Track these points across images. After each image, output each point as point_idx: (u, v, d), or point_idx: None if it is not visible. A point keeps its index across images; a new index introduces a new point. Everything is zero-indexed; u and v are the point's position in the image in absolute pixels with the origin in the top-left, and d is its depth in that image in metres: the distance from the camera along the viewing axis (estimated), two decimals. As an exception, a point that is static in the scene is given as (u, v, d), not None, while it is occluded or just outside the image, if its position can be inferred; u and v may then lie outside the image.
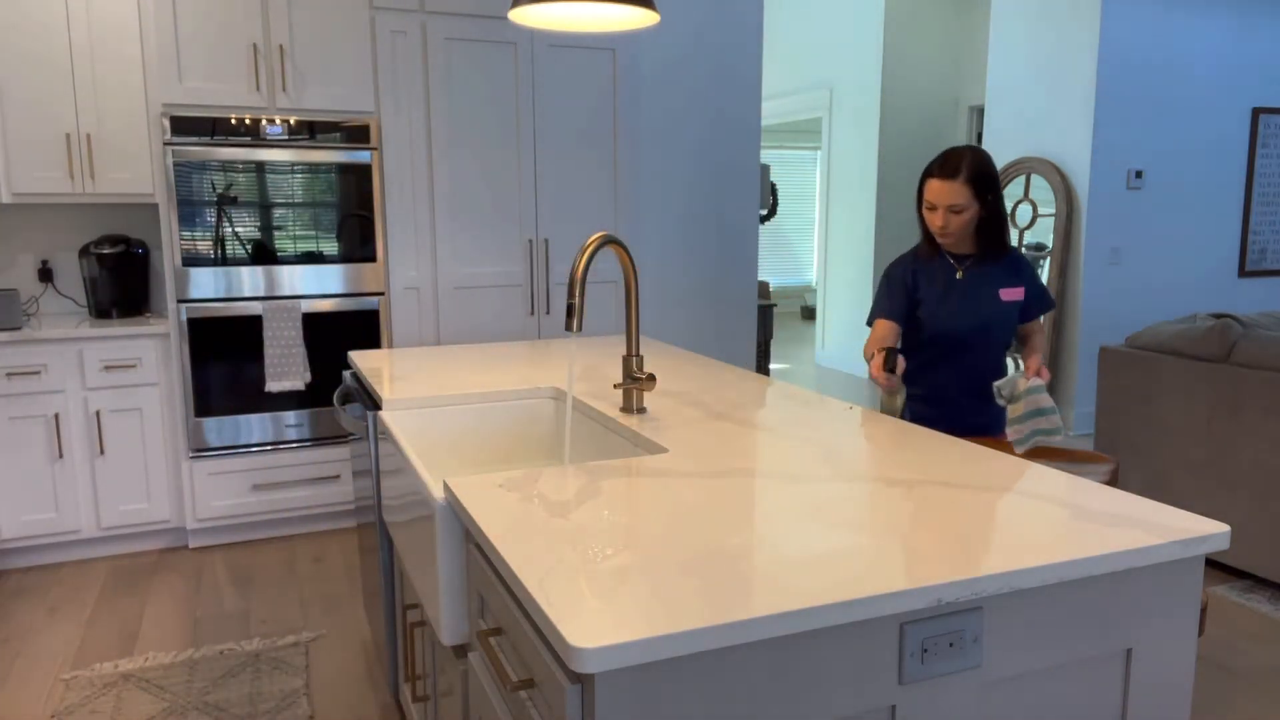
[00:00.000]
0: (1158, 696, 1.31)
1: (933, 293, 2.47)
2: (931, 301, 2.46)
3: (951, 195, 2.36)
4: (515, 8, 2.06)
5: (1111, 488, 1.49)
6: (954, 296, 2.45)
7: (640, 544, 1.26)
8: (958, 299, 2.45)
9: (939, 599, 1.12)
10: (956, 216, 2.39)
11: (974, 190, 2.38)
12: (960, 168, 2.36)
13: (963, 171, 2.36)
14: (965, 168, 2.36)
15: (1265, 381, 3.35)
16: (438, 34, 3.84)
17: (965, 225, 2.41)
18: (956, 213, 2.38)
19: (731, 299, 5.04)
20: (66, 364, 3.57)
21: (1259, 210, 6.22)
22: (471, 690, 1.50)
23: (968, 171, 2.36)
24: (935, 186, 2.35)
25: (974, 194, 2.38)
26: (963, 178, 2.35)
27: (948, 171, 2.35)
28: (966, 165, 2.36)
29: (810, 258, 11.80)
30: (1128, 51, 5.56)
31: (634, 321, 2.07)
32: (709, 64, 4.80)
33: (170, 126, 3.51)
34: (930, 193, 2.37)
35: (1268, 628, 3.11)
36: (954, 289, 2.45)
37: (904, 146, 7.34)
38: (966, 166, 2.36)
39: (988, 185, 2.39)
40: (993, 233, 2.47)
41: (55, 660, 2.93)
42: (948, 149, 2.38)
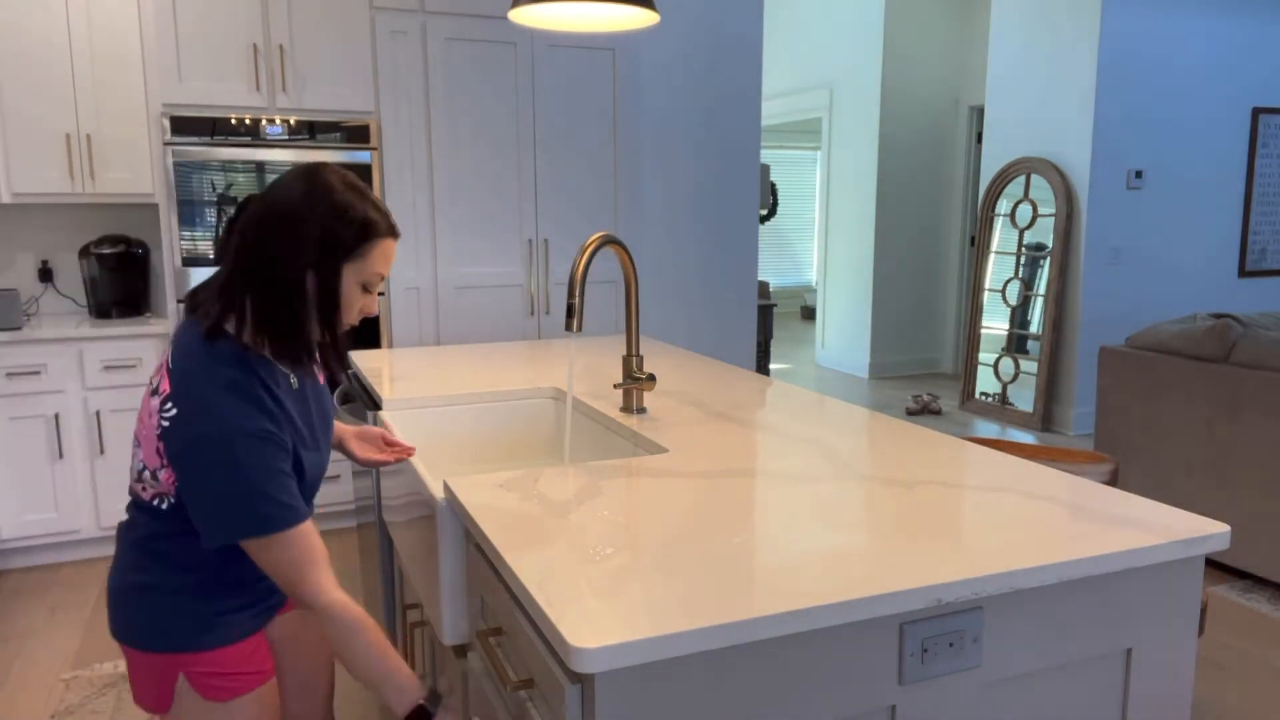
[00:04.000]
0: (1158, 696, 1.31)
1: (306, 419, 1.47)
2: (316, 434, 1.49)
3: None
4: (515, 8, 2.06)
5: (1111, 488, 1.49)
6: (324, 425, 1.53)
7: (640, 544, 1.26)
8: (325, 426, 1.53)
9: (939, 599, 1.12)
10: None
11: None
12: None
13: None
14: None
15: (1265, 381, 3.35)
16: (438, 34, 3.84)
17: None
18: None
19: (731, 299, 5.04)
20: (66, 364, 3.57)
21: (1259, 210, 6.22)
22: (471, 690, 1.50)
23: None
24: (390, 249, 1.39)
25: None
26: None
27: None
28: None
29: (810, 258, 11.80)
30: (1128, 51, 5.56)
31: (634, 321, 2.07)
32: (709, 64, 4.80)
33: (170, 126, 3.51)
34: (383, 259, 1.38)
35: (1268, 628, 3.11)
36: (323, 415, 1.53)
37: (904, 146, 7.34)
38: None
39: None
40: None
41: (55, 660, 2.93)
42: (365, 190, 1.38)
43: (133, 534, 1.43)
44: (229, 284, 1.33)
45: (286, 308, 1.32)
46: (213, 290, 1.35)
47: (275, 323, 1.32)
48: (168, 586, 1.40)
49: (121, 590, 1.43)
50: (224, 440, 1.25)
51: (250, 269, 1.31)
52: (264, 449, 1.28)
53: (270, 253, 1.30)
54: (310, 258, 1.30)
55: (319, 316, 1.34)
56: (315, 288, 1.32)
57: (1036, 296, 5.95)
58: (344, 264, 1.33)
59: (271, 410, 1.32)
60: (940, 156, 7.48)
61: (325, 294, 1.33)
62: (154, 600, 1.40)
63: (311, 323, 1.34)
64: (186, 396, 1.28)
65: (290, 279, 1.31)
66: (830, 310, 7.95)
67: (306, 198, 1.31)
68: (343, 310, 1.36)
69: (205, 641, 1.42)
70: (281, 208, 1.31)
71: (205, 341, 1.32)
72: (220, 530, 1.28)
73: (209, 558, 1.41)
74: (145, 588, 1.40)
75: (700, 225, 4.91)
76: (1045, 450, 2.34)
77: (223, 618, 1.43)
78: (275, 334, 1.33)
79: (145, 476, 1.37)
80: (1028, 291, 6.02)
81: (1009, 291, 6.14)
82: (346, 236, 1.32)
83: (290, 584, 1.31)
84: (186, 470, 1.28)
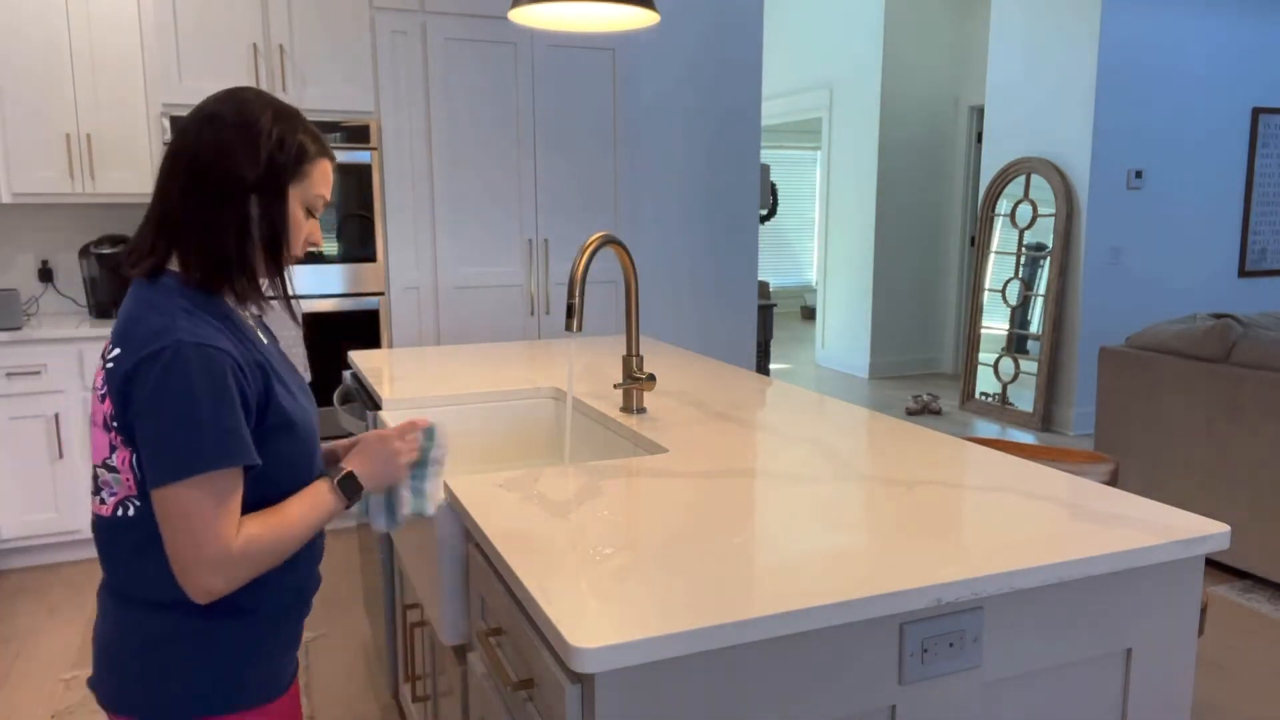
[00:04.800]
0: (1158, 696, 1.31)
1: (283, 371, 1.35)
2: (290, 386, 1.33)
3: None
4: (515, 8, 2.06)
5: (1111, 488, 1.49)
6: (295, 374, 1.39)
7: (640, 544, 1.26)
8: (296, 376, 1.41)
9: (939, 599, 1.12)
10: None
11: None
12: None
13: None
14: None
15: (1265, 381, 3.35)
16: (438, 34, 3.84)
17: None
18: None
19: (731, 299, 5.04)
20: (66, 364, 3.57)
21: (1259, 210, 6.22)
22: (471, 690, 1.50)
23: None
24: (328, 170, 1.33)
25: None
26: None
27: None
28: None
29: (810, 258, 11.80)
30: (1128, 51, 5.56)
31: (634, 321, 2.07)
32: (709, 64, 4.80)
33: (170, 126, 3.51)
34: (324, 180, 1.31)
35: (1268, 628, 3.11)
36: (289, 366, 1.39)
37: (904, 146, 7.34)
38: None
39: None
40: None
41: (55, 660, 2.93)
42: (287, 106, 1.29)
43: (114, 581, 1.21)
44: (166, 221, 1.21)
45: (232, 237, 1.20)
46: (148, 235, 1.22)
47: (221, 254, 1.20)
48: (191, 629, 1.19)
49: (128, 654, 1.19)
50: (174, 351, 1.11)
51: (186, 201, 1.20)
52: (214, 364, 1.12)
53: (209, 180, 1.19)
54: (253, 180, 1.20)
55: (265, 244, 1.23)
56: (260, 212, 1.22)
57: (1036, 296, 5.95)
58: (288, 185, 1.24)
59: (229, 336, 1.19)
60: (940, 156, 7.48)
61: (271, 218, 1.23)
62: (182, 653, 1.18)
63: (257, 253, 1.23)
64: (129, 328, 1.15)
65: (233, 205, 1.20)
66: (830, 310, 7.95)
67: (239, 120, 1.21)
68: (289, 237, 1.25)
69: (254, 693, 1.24)
70: (214, 131, 1.21)
71: (146, 282, 1.20)
72: (167, 465, 1.09)
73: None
74: (167, 640, 1.18)
75: (700, 225, 4.91)
76: (1045, 450, 2.34)
77: (264, 661, 1.25)
78: (222, 266, 1.21)
79: (103, 480, 1.19)
80: (1028, 291, 6.02)
81: (1009, 291, 6.14)
82: (288, 158, 1.23)
83: (173, 559, 1.11)
84: (131, 400, 1.11)
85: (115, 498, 1.18)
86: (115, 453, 1.16)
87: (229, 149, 1.19)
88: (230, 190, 1.19)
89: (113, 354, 1.15)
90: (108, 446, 1.17)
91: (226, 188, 1.19)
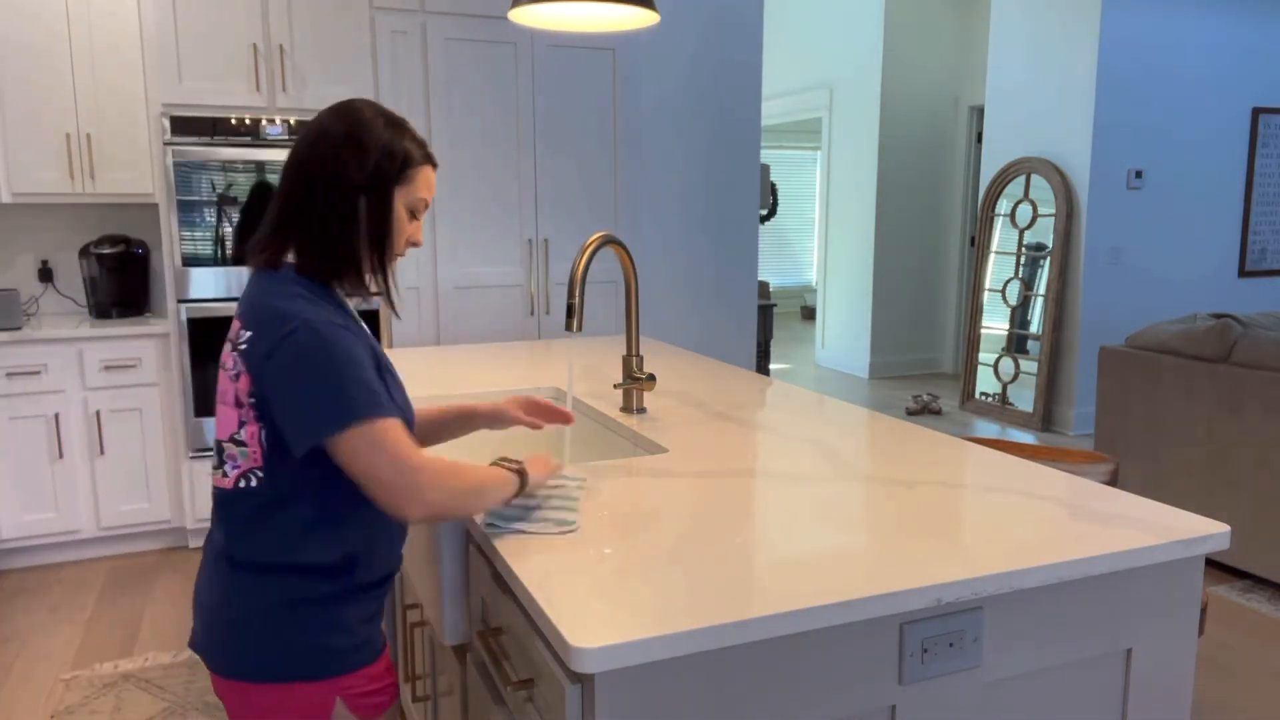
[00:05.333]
0: (1158, 696, 1.31)
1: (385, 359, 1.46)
2: (395, 376, 1.46)
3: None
4: (515, 8, 2.06)
5: (1111, 488, 1.49)
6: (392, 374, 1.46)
7: (640, 544, 1.26)
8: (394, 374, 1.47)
9: (939, 599, 1.12)
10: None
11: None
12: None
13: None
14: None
15: (1265, 381, 3.35)
16: (438, 34, 3.84)
17: None
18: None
19: (731, 299, 5.04)
20: (66, 364, 3.57)
21: (1259, 210, 6.22)
22: (471, 690, 1.50)
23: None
24: (431, 176, 1.43)
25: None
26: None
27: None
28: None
29: (810, 258, 11.80)
30: (1128, 51, 5.56)
31: (634, 321, 2.07)
32: (709, 64, 4.80)
33: (170, 126, 3.51)
34: (426, 184, 1.41)
35: (1268, 628, 3.11)
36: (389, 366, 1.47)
37: (904, 146, 7.34)
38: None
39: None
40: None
41: (55, 660, 2.93)
42: (388, 111, 1.40)
43: (233, 552, 1.29)
44: (281, 221, 1.34)
45: (341, 234, 1.32)
46: (268, 229, 1.35)
47: (331, 249, 1.33)
48: (307, 593, 1.27)
49: (245, 619, 1.27)
50: (307, 328, 1.22)
51: (303, 202, 1.32)
52: (342, 337, 1.24)
53: (322, 182, 1.32)
54: (362, 183, 1.32)
55: (370, 242, 1.34)
56: (367, 212, 1.33)
57: (1036, 296, 5.95)
58: (394, 188, 1.35)
59: (343, 321, 1.31)
60: (940, 156, 7.48)
61: (377, 218, 1.34)
62: (299, 616, 1.27)
63: (364, 249, 1.34)
64: (258, 314, 1.26)
65: (343, 205, 1.32)
66: (830, 310, 7.95)
67: (351, 129, 1.33)
68: (394, 235, 1.37)
69: (360, 654, 1.32)
70: (329, 140, 1.33)
71: (267, 271, 1.33)
72: (311, 426, 1.20)
73: (334, 538, 1.29)
74: (285, 604, 1.27)
75: (700, 225, 4.91)
76: (1045, 450, 2.34)
77: (367, 623, 1.35)
78: (332, 260, 1.33)
79: (230, 453, 1.28)
80: (1028, 291, 6.02)
81: (1009, 291, 6.14)
82: (394, 162, 1.35)
83: (388, 486, 1.21)
84: (270, 375, 1.22)
85: (238, 470, 1.28)
86: (245, 427, 1.27)
87: (340, 155, 1.31)
88: (340, 192, 1.31)
89: (245, 336, 1.26)
90: (237, 422, 1.27)
91: (337, 190, 1.31)
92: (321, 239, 1.32)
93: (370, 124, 1.34)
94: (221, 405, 1.30)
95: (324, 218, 1.32)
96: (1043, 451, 2.34)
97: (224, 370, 1.30)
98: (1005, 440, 2.52)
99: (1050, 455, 2.31)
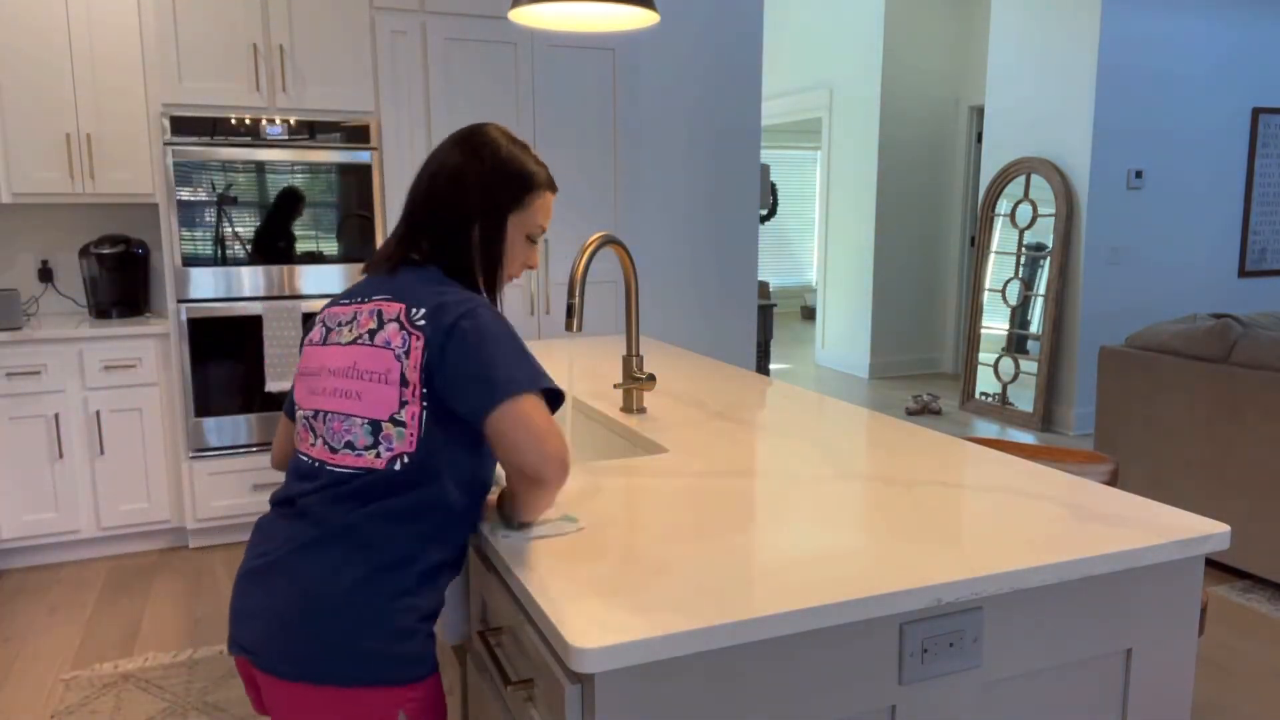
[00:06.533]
0: (1158, 696, 1.31)
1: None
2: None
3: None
4: (515, 8, 2.06)
5: (1111, 488, 1.49)
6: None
7: (640, 544, 1.26)
8: None
9: (939, 599, 1.12)
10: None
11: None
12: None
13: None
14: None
15: (1265, 381, 3.35)
16: (438, 34, 3.84)
17: None
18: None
19: (731, 299, 5.04)
20: (66, 364, 3.57)
21: (1259, 210, 6.22)
22: (471, 690, 1.50)
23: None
24: (549, 202, 1.45)
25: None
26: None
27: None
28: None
29: (810, 258, 11.80)
30: (1128, 51, 5.56)
31: (634, 321, 2.07)
32: (709, 64, 4.80)
33: (170, 126, 3.51)
34: (544, 211, 1.44)
35: (1268, 628, 3.11)
36: None
37: (904, 146, 7.34)
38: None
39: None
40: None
41: (55, 660, 2.93)
42: (519, 142, 1.44)
43: (363, 538, 1.22)
44: (404, 240, 1.37)
45: (456, 255, 1.35)
46: (392, 244, 1.38)
47: (446, 268, 1.36)
48: (397, 587, 1.22)
49: (338, 609, 1.19)
50: (487, 306, 1.27)
51: (421, 223, 1.36)
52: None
53: (439, 206, 1.35)
54: (476, 209, 1.35)
55: (483, 266, 1.37)
56: (480, 236, 1.36)
57: (1036, 296, 5.95)
58: (509, 214, 1.38)
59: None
60: (940, 156, 7.48)
61: (490, 243, 1.37)
62: (395, 612, 1.21)
63: (477, 271, 1.37)
64: (424, 295, 1.28)
65: (457, 230, 1.35)
66: (830, 310, 7.95)
67: (472, 154, 1.36)
68: (506, 260, 1.40)
69: (431, 663, 1.26)
70: (449, 165, 1.36)
71: (413, 267, 1.35)
72: (514, 381, 1.21)
73: (458, 534, 1.28)
74: (390, 598, 1.21)
75: (700, 225, 4.91)
76: (1045, 450, 2.34)
77: (431, 636, 1.28)
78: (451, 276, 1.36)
79: (386, 433, 1.23)
80: (1028, 291, 6.02)
81: (1009, 291, 6.14)
82: (511, 188, 1.37)
83: (548, 451, 1.21)
84: (455, 344, 1.22)
85: (392, 452, 1.24)
86: (406, 407, 1.24)
87: (459, 181, 1.36)
88: (458, 217, 1.35)
89: (418, 314, 1.26)
90: (398, 401, 1.24)
91: (455, 214, 1.36)
92: (438, 259, 1.36)
93: (489, 152, 1.37)
94: (373, 384, 1.25)
95: (441, 240, 1.36)
96: (1043, 451, 2.34)
97: (380, 348, 1.26)
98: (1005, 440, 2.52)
99: (1050, 455, 2.31)
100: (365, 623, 1.20)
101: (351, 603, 1.19)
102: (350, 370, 1.28)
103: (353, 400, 1.26)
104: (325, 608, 1.19)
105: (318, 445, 1.29)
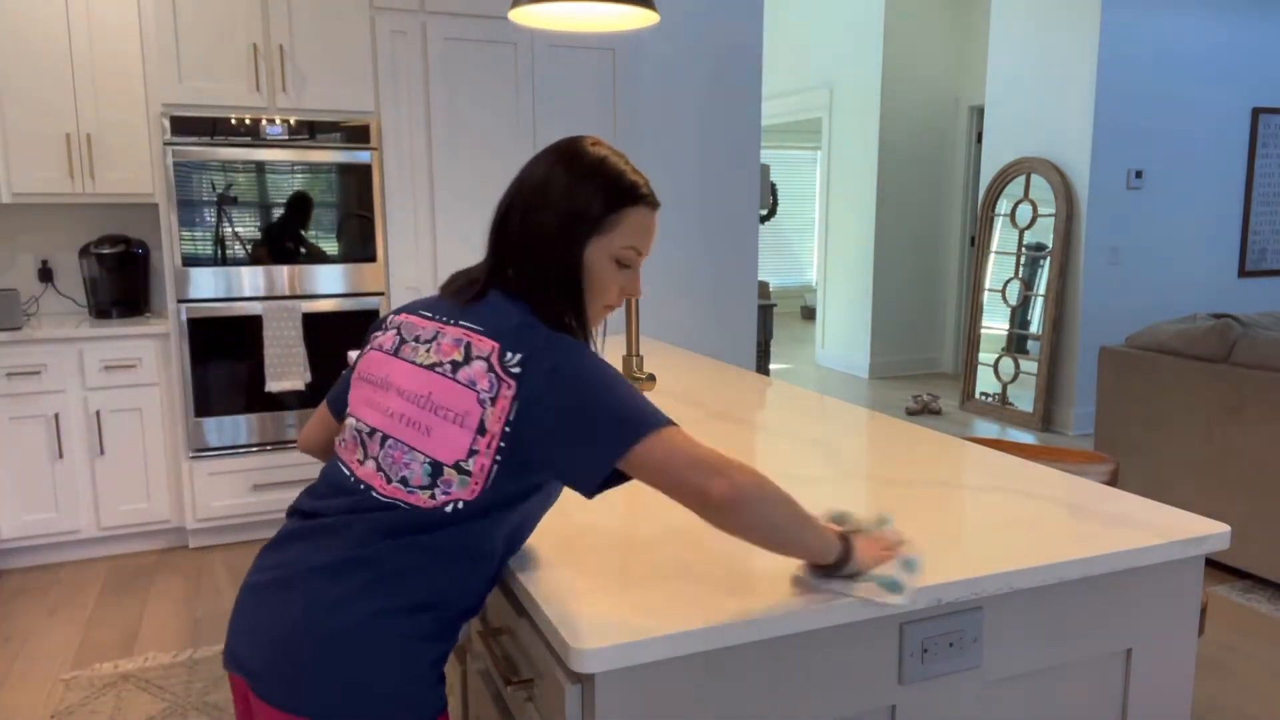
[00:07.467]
0: (1158, 696, 1.31)
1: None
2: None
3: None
4: (515, 8, 2.06)
5: (1111, 488, 1.49)
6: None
7: (640, 544, 1.26)
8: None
9: (939, 599, 1.12)
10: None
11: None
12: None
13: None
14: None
15: (1265, 381, 3.35)
16: (438, 34, 3.84)
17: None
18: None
19: (731, 299, 5.04)
20: (66, 364, 3.57)
21: (1259, 210, 6.22)
22: (471, 690, 1.50)
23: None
24: (644, 219, 1.27)
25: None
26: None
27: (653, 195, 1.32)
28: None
29: (810, 258, 11.80)
30: (1128, 51, 5.56)
31: (634, 321, 2.07)
32: (709, 64, 4.80)
33: (170, 126, 3.51)
34: (631, 232, 1.26)
35: (1268, 628, 3.11)
36: None
37: (904, 146, 7.34)
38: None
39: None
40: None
41: (55, 660, 2.93)
42: (619, 158, 1.27)
43: (396, 576, 1.12)
44: (491, 271, 1.24)
45: (535, 289, 1.20)
46: (482, 269, 1.25)
47: (524, 297, 1.21)
48: (417, 630, 1.12)
49: (344, 640, 1.10)
50: (580, 348, 1.13)
51: (503, 254, 1.22)
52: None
53: (518, 235, 1.21)
54: (553, 235, 1.20)
55: (564, 296, 1.20)
56: (554, 262, 1.20)
57: (1036, 296, 5.95)
58: (588, 239, 1.21)
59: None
60: (940, 156, 7.48)
61: (565, 269, 1.20)
62: (404, 656, 1.12)
63: (559, 304, 1.20)
64: (525, 336, 1.14)
65: (536, 259, 1.20)
66: (830, 310, 7.95)
67: (548, 175, 1.22)
68: (590, 290, 1.23)
69: (440, 703, 1.17)
70: (527, 188, 1.22)
71: (503, 295, 1.22)
72: (635, 424, 1.06)
73: (486, 579, 1.18)
74: (413, 639, 1.12)
75: (700, 225, 4.91)
76: (1045, 450, 2.34)
77: (443, 678, 1.19)
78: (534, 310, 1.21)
79: (448, 478, 1.12)
80: (1028, 291, 6.02)
81: (1009, 291, 6.14)
82: (590, 210, 1.20)
83: (696, 481, 1.05)
84: (574, 389, 1.08)
85: (449, 497, 1.13)
86: (475, 457, 1.11)
87: (534, 204, 1.21)
88: (533, 240, 1.20)
89: (513, 360, 1.12)
90: (467, 450, 1.11)
91: (531, 238, 1.20)
92: (524, 287, 1.21)
93: (567, 169, 1.21)
94: (443, 422, 1.13)
95: (521, 268, 1.21)
96: (1043, 451, 2.34)
97: (464, 386, 1.13)
98: (1005, 440, 2.52)
99: (1050, 455, 2.31)
100: (377, 663, 1.10)
101: (366, 640, 1.10)
102: (425, 400, 1.15)
103: (421, 435, 1.14)
104: (336, 640, 1.10)
105: (368, 465, 1.18)
